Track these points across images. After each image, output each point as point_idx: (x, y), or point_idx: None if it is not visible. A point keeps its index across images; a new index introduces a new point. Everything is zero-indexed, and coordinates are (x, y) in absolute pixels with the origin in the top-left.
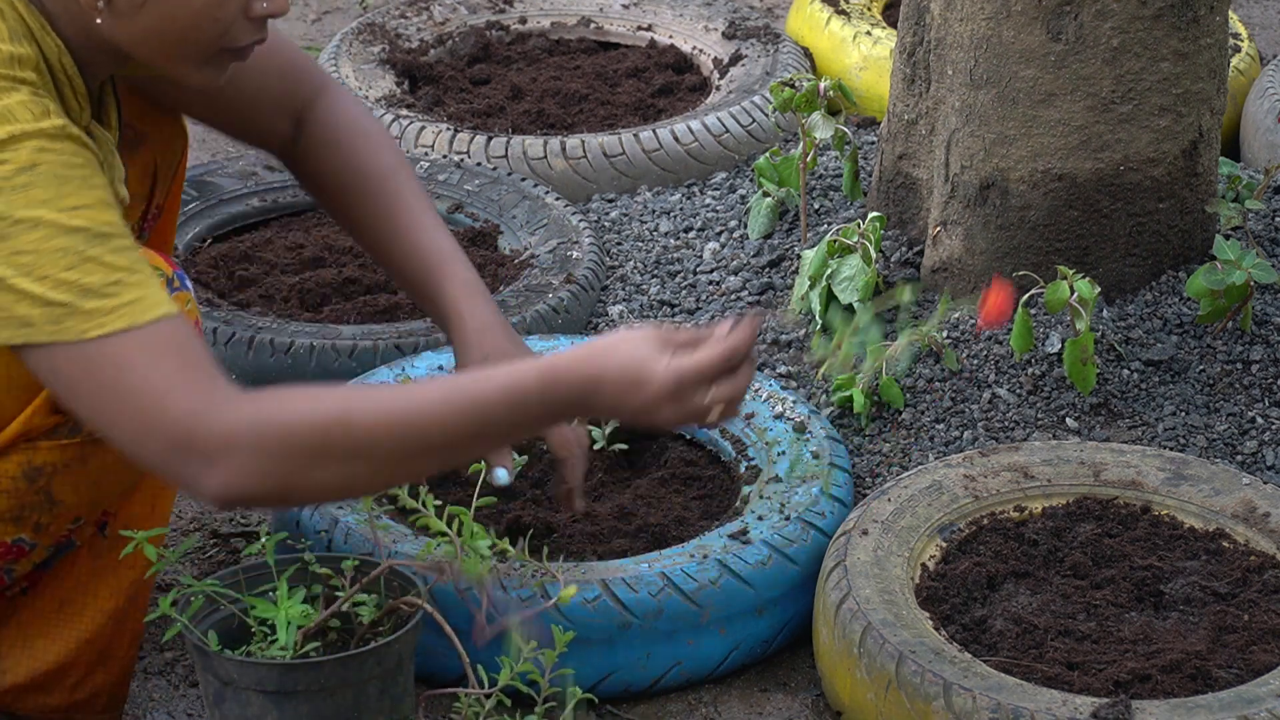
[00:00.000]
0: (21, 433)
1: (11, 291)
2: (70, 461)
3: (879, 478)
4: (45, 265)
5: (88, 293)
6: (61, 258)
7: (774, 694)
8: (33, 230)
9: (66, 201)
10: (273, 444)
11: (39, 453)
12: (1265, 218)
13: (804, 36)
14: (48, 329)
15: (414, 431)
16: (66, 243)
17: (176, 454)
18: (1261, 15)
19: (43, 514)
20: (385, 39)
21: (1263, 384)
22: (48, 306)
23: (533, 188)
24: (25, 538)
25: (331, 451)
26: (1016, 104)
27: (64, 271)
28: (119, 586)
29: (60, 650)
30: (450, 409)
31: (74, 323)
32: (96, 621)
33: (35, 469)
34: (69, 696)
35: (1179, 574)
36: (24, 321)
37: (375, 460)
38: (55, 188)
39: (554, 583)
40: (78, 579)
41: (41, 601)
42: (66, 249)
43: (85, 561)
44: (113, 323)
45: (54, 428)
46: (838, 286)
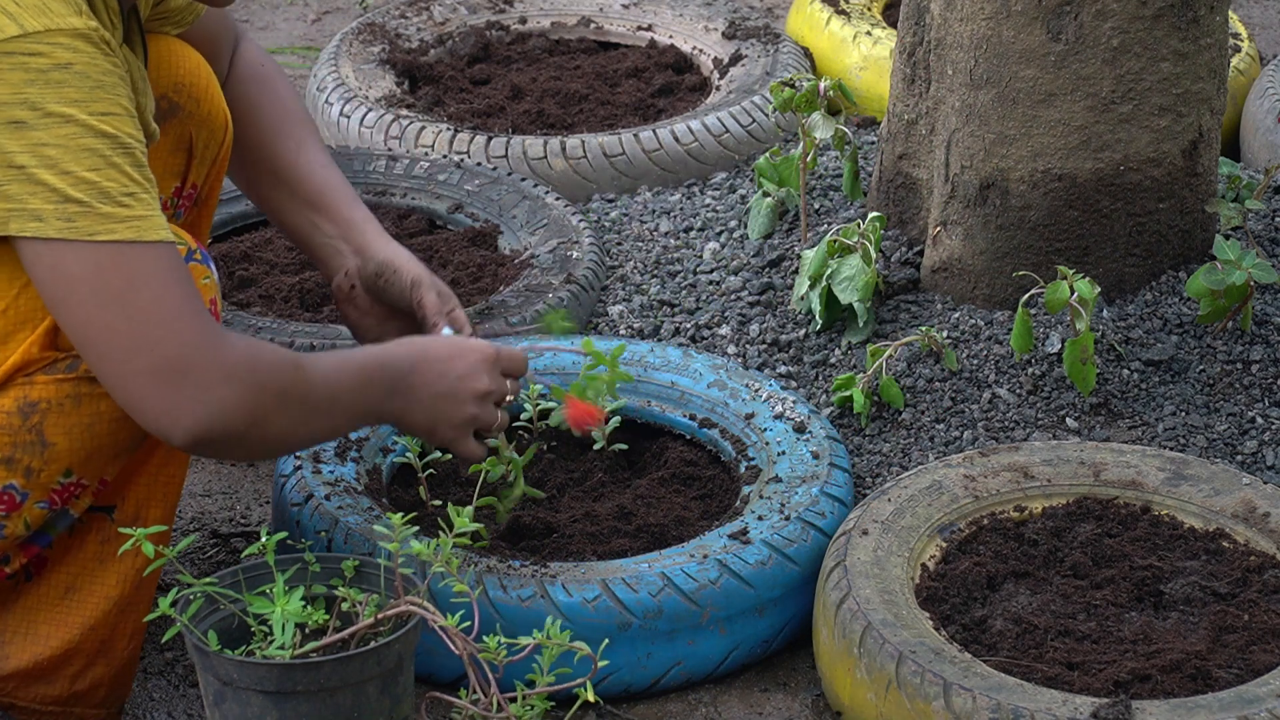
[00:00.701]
0: (19, 364)
1: (31, 182)
2: (64, 400)
3: (879, 478)
4: (69, 161)
5: (105, 196)
6: (87, 157)
7: (774, 694)
8: (62, 126)
9: (97, 106)
10: (259, 380)
11: (34, 387)
12: (1265, 218)
13: (804, 36)
14: (58, 224)
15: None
16: (93, 144)
17: (167, 378)
18: (1261, 15)
19: (34, 457)
20: (385, 39)
21: (1263, 384)
22: (64, 202)
23: (533, 188)
24: (16, 484)
25: (291, 395)
26: (1016, 104)
27: (87, 171)
28: (125, 574)
29: (64, 636)
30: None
31: (86, 223)
32: (101, 608)
33: (30, 404)
34: (69, 687)
35: (1179, 574)
36: (35, 215)
37: (311, 411)
38: (88, 90)
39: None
40: (84, 564)
41: (46, 587)
42: (93, 150)
43: (92, 547)
44: (122, 231)
45: (51, 362)
46: (838, 286)
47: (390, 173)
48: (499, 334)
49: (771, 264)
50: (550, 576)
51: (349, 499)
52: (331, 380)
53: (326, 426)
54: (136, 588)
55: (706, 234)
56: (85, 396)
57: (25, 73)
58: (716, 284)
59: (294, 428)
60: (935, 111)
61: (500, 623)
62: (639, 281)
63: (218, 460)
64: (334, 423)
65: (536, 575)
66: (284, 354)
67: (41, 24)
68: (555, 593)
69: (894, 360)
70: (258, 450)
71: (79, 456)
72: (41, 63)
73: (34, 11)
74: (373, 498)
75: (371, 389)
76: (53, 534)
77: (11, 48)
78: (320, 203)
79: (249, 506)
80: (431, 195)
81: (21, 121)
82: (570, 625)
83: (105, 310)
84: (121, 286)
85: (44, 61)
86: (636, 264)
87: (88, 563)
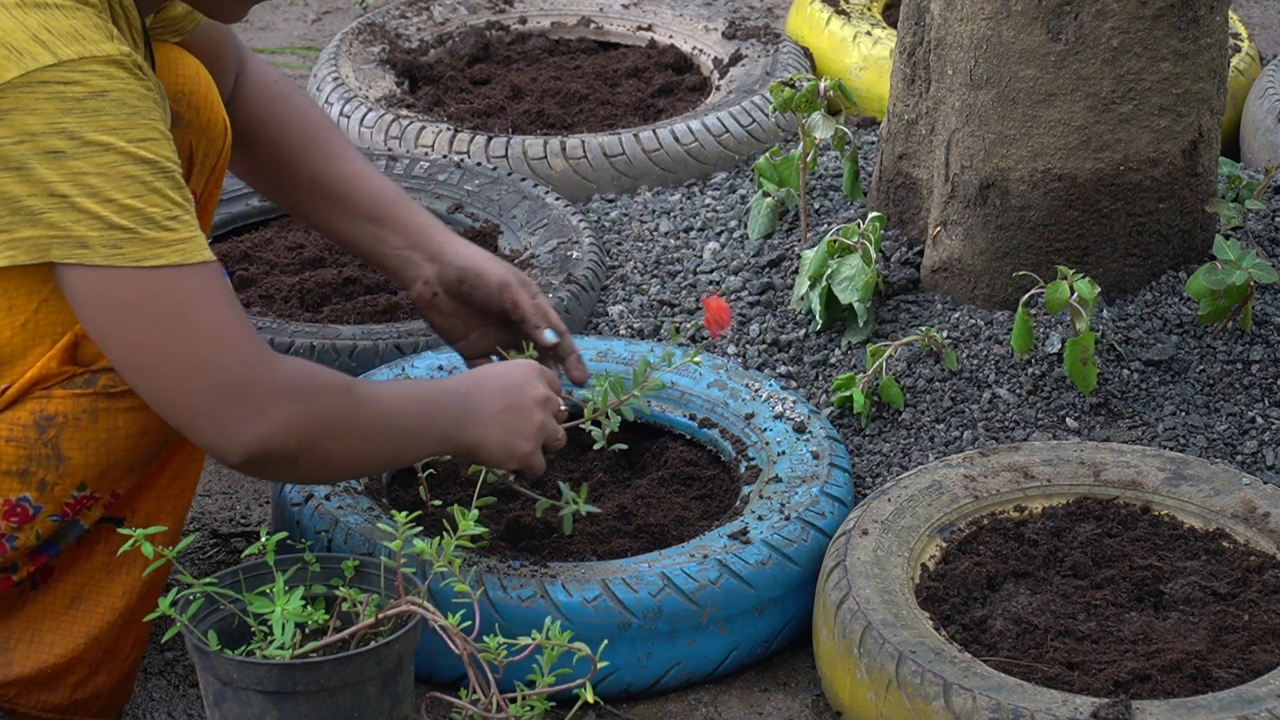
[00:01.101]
0: (37, 379)
1: (74, 210)
2: (81, 415)
3: (879, 478)
4: (111, 189)
5: (150, 222)
6: (129, 184)
7: (774, 694)
8: (102, 154)
9: (136, 132)
10: (312, 399)
11: (52, 401)
12: (1265, 218)
13: (804, 36)
14: (105, 251)
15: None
16: (135, 171)
17: (225, 396)
18: (1261, 15)
19: (49, 470)
20: (385, 39)
21: (1263, 384)
22: (109, 230)
23: (533, 188)
24: (29, 497)
25: (346, 420)
26: (1016, 104)
27: (130, 198)
28: (131, 585)
29: (68, 645)
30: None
31: (133, 249)
32: (106, 619)
33: (47, 418)
34: (70, 695)
35: (1179, 574)
36: (81, 242)
37: (366, 432)
38: (125, 117)
39: (554, 583)
40: (91, 575)
41: (53, 596)
42: (134, 177)
43: (100, 558)
44: (169, 255)
45: (69, 377)
46: (838, 286)
47: (390, 173)
48: None
49: (771, 264)
50: (550, 576)
51: (349, 499)
52: (389, 404)
53: (388, 451)
54: (142, 599)
55: (706, 234)
56: (102, 412)
57: (61, 101)
58: (716, 284)
59: (350, 450)
60: (935, 111)
61: (500, 623)
62: (639, 281)
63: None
64: (395, 446)
65: (536, 575)
66: (335, 375)
67: (75, 52)
68: (555, 593)
69: (894, 360)
70: (317, 472)
71: (94, 471)
72: (77, 91)
73: (67, 40)
74: (373, 498)
75: (438, 414)
76: (61, 544)
77: (46, 77)
78: (378, 214)
79: (249, 506)
80: (431, 195)
81: (60, 151)
82: (570, 625)
83: (159, 334)
84: (174, 311)
85: (80, 90)
86: (636, 264)
87: (95, 573)
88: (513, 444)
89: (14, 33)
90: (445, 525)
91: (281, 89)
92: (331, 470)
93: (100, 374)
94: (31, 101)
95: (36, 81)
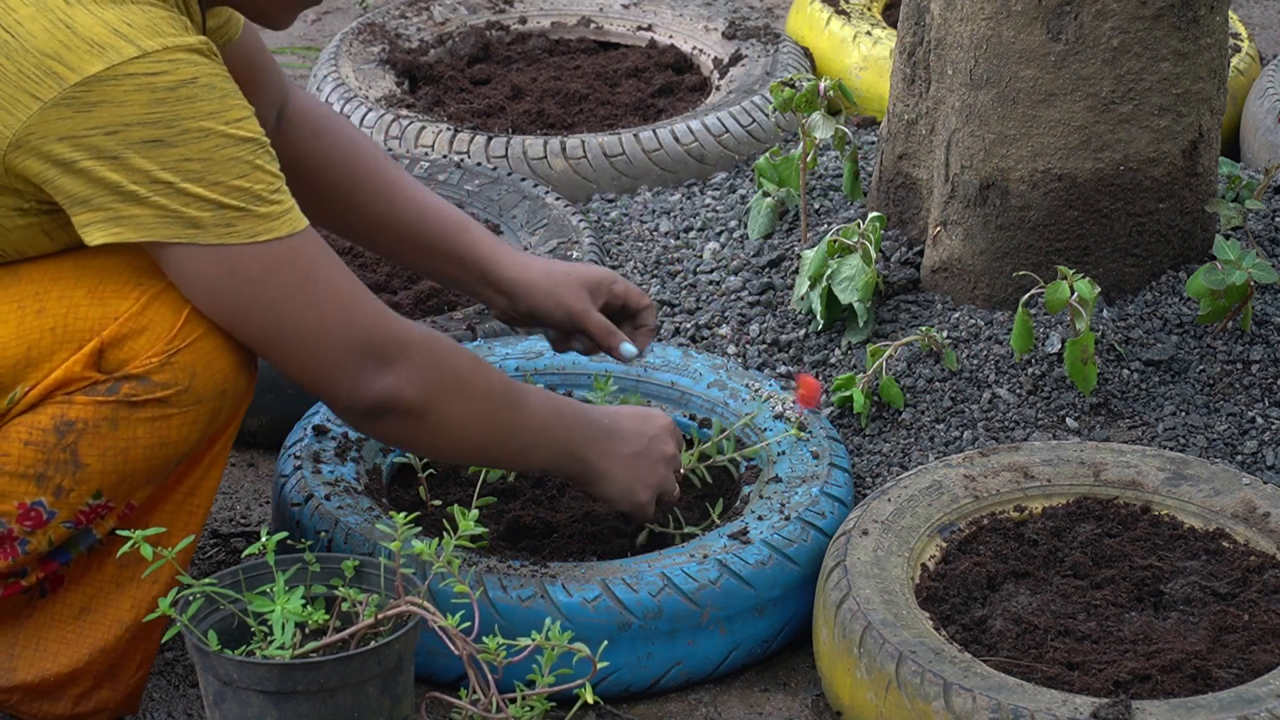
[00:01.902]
0: (60, 383)
1: (182, 195)
2: (101, 423)
3: (879, 478)
4: (217, 173)
5: (259, 199)
6: (234, 166)
7: (774, 694)
8: (204, 140)
9: (231, 114)
10: (441, 353)
11: (73, 407)
12: (1265, 218)
13: (804, 36)
14: (218, 230)
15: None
16: (237, 152)
17: (356, 352)
18: (1261, 15)
19: (66, 476)
20: (385, 39)
21: (1263, 384)
22: (220, 209)
23: (533, 188)
24: (44, 501)
25: (472, 385)
26: (1016, 104)
27: (236, 179)
28: (141, 599)
29: (74, 655)
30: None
31: (247, 225)
32: (114, 632)
33: (67, 423)
34: (73, 707)
35: (1179, 574)
36: (193, 223)
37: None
38: (218, 100)
39: (554, 583)
40: (100, 586)
41: (61, 605)
42: (238, 158)
43: (110, 570)
44: (281, 227)
45: (92, 384)
46: (838, 286)
47: None
48: (499, 334)
49: (771, 264)
50: (550, 576)
51: (349, 499)
52: (526, 393)
53: (511, 440)
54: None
55: (706, 234)
56: (123, 420)
57: (152, 92)
58: (716, 284)
59: (473, 420)
60: (935, 111)
61: (500, 623)
62: (639, 281)
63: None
64: (521, 438)
65: (536, 575)
66: (462, 346)
67: (158, 43)
68: (555, 593)
69: (894, 360)
70: (437, 436)
71: (110, 479)
72: (167, 80)
73: (147, 32)
74: (373, 498)
75: (575, 429)
76: (73, 552)
77: (133, 69)
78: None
79: (249, 506)
80: None
81: (159, 140)
82: (570, 625)
83: (293, 302)
84: (299, 280)
85: (169, 79)
86: (636, 264)
87: (104, 585)
88: (634, 490)
89: (93, 28)
90: (445, 525)
91: (329, 123)
92: (452, 437)
93: (123, 382)
94: (120, 94)
95: (124, 74)
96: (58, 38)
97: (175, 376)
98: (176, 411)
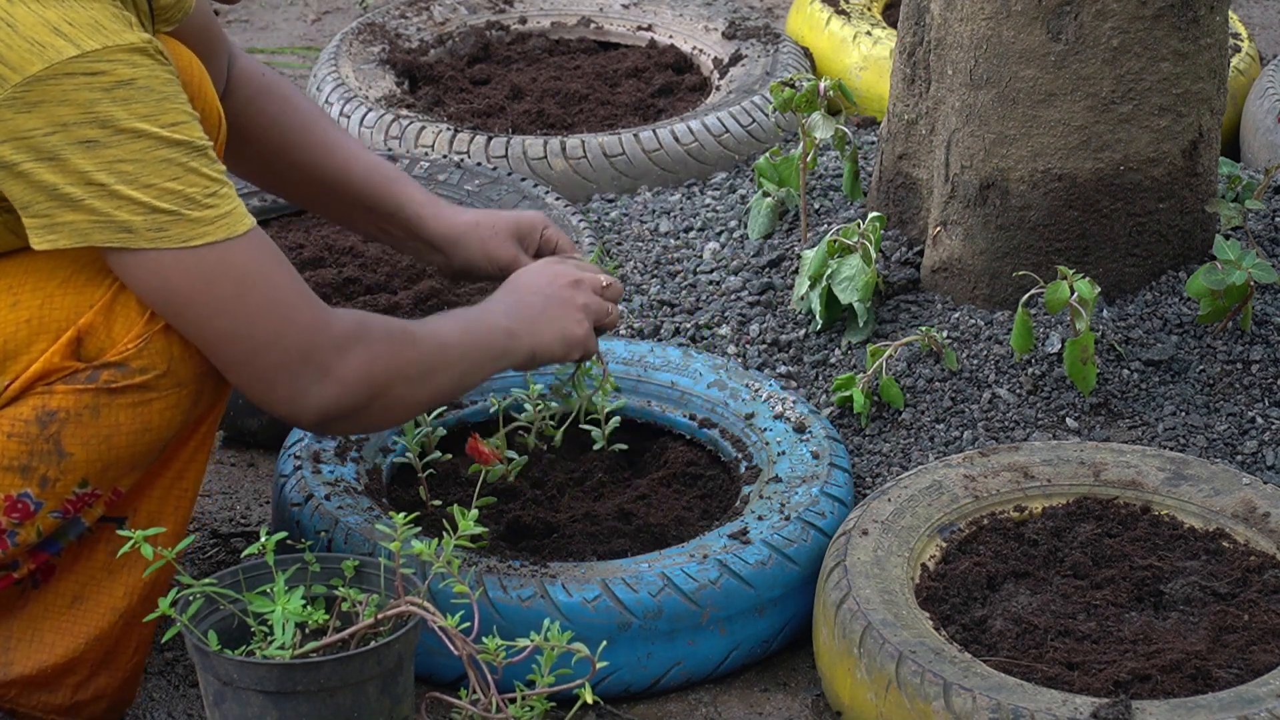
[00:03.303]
0: (40, 374)
1: (115, 198)
2: (83, 411)
3: (879, 478)
4: (149, 175)
5: (191, 202)
6: (166, 168)
7: (774, 694)
8: (135, 141)
9: (166, 117)
10: (374, 348)
11: (54, 397)
12: (1265, 218)
13: (804, 36)
14: (149, 235)
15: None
16: (170, 154)
17: (293, 366)
18: (1261, 15)
19: (50, 466)
20: (385, 39)
21: (1263, 384)
22: (152, 214)
23: (533, 188)
24: (30, 493)
25: (405, 360)
26: (1016, 104)
27: (168, 182)
28: (133, 586)
29: (69, 645)
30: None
31: (179, 230)
32: (108, 619)
33: (49, 413)
34: (71, 696)
35: (1179, 574)
36: (124, 227)
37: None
38: (155, 103)
39: (554, 583)
40: (92, 574)
41: (54, 595)
42: (170, 160)
43: (102, 557)
44: (215, 232)
45: (72, 372)
46: (838, 286)
47: None
48: None
49: (771, 264)
50: (550, 576)
51: (349, 499)
52: (443, 337)
53: (448, 380)
54: (144, 600)
55: (706, 234)
56: (104, 408)
57: (90, 92)
58: (716, 284)
59: (414, 388)
60: (935, 111)
61: (500, 623)
62: (639, 281)
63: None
64: (454, 374)
65: (536, 575)
66: (388, 321)
67: (99, 42)
68: (555, 593)
69: (894, 360)
70: (385, 417)
71: (95, 468)
72: (105, 80)
73: (89, 30)
74: (373, 498)
75: (489, 335)
76: (63, 542)
77: (72, 68)
78: (372, 202)
79: (249, 506)
80: None
81: (94, 140)
82: (570, 625)
83: (230, 313)
84: (233, 291)
85: (107, 80)
86: (636, 264)
87: (96, 573)
88: (567, 333)
89: (34, 26)
90: (445, 525)
91: (269, 82)
92: (396, 414)
93: (103, 369)
94: (59, 93)
95: (63, 73)
96: (0, 38)
97: (153, 361)
98: (157, 396)
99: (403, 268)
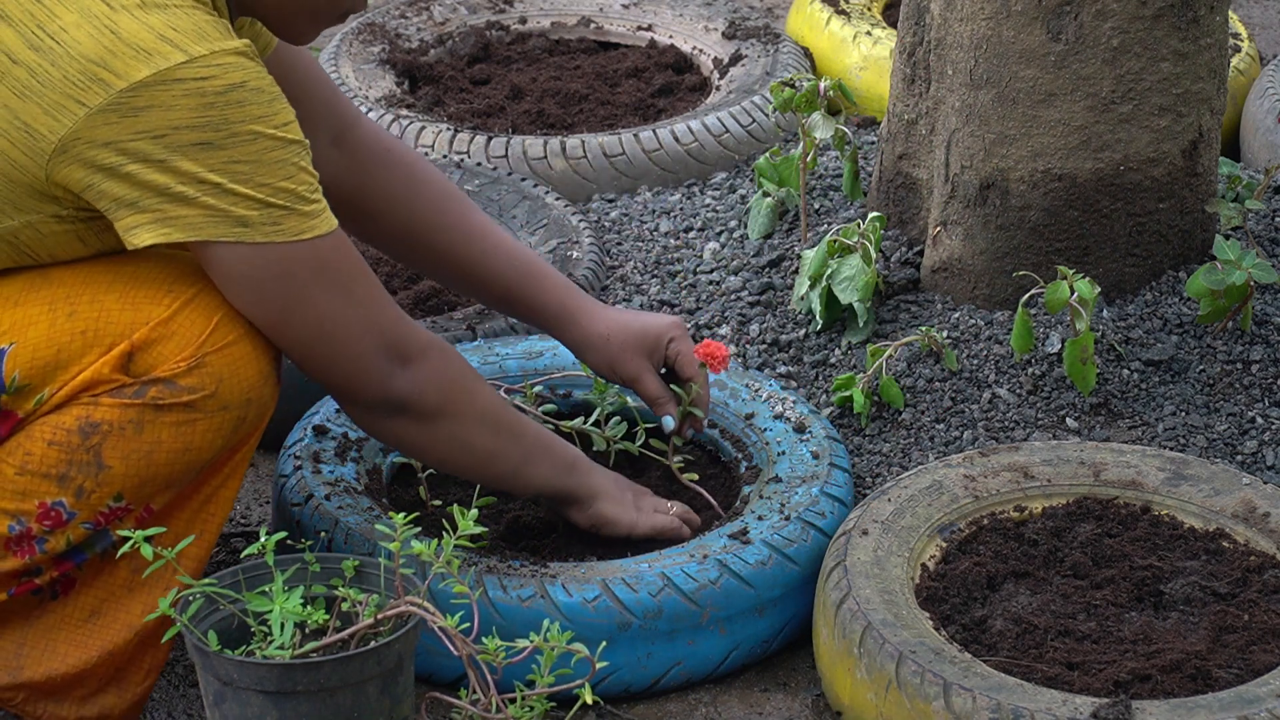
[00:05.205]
0: (87, 384)
1: (230, 195)
2: (126, 425)
3: (879, 478)
4: (265, 174)
5: (301, 198)
6: (280, 168)
7: (774, 694)
8: (252, 143)
9: (279, 118)
10: (453, 358)
11: (99, 408)
12: (1265, 218)
13: (804, 36)
14: (265, 229)
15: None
16: (284, 155)
17: (386, 349)
18: (1261, 15)
19: (88, 477)
20: (385, 39)
21: (1263, 384)
22: (267, 208)
23: (533, 188)
24: (65, 502)
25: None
26: (1016, 104)
27: (283, 180)
28: (152, 605)
29: (81, 656)
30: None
31: (293, 223)
32: (123, 636)
33: (92, 424)
34: (76, 710)
35: (1179, 574)
36: (241, 221)
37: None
38: (266, 104)
39: (554, 583)
40: (112, 590)
41: (72, 608)
42: (284, 160)
43: (124, 575)
44: (322, 225)
45: (119, 386)
46: (838, 286)
47: None
48: (499, 333)
49: (771, 264)
50: (550, 576)
51: (349, 499)
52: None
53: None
54: (160, 622)
55: (706, 234)
56: (148, 424)
57: (201, 97)
58: (716, 284)
59: (482, 430)
60: (935, 111)
61: (500, 623)
62: (639, 281)
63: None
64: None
65: (536, 575)
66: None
67: (205, 48)
68: (555, 593)
69: (894, 360)
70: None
71: (132, 482)
72: (216, 84)
73: (194, 37)
74: (373, 498)
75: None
76: (88, 553)
77: (182, 74)
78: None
79: (249, 506)
80: None
81: (207, 143)
82: (570, 625)
83: (335, 301)
84: (343, 276)
85: (218, 84)
86: (636, 264)
87: (116, 589)
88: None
89: (138, 33)
90: (445, 525)
91: (395, 155)
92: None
93: (150, 385)
94: (168, 99)
95: (172, 79)
96: (103, 44)
97: (202, 381)
98: (202, 417)
99: (403, 267)
